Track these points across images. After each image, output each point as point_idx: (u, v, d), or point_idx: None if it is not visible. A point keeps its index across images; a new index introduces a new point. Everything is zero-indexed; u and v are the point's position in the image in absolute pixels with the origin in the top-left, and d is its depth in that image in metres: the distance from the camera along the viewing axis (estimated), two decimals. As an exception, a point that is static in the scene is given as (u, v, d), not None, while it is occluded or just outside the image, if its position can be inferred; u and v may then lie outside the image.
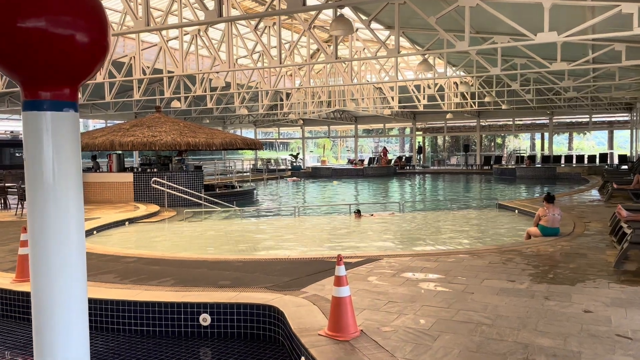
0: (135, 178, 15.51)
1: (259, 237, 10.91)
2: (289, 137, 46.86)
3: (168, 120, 17.13)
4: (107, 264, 6.96)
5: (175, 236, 11.10)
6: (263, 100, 24.26)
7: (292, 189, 24.38)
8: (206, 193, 16.12)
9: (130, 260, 7.16)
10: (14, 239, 8.76)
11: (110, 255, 7.50)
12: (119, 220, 11.73)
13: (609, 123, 33.81)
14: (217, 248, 9.44)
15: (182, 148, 15.70)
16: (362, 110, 28.38)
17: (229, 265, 6.77)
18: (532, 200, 14.68)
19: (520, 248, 7.83)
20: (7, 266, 6.91)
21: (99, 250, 7.82)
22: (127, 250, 7.82)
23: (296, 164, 34.98)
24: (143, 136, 15.29)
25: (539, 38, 9.69)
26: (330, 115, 34.74)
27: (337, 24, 7.96)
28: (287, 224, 12.60)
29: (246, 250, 9.10)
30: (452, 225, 12.11)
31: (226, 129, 38.67)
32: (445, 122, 34.91)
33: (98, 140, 15.22)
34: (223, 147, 16.46)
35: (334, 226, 12.11)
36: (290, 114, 29.21)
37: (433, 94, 23.15)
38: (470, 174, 31.39)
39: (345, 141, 50.59)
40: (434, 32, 13.50)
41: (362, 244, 9.76)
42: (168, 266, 6.81)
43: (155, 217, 13.04)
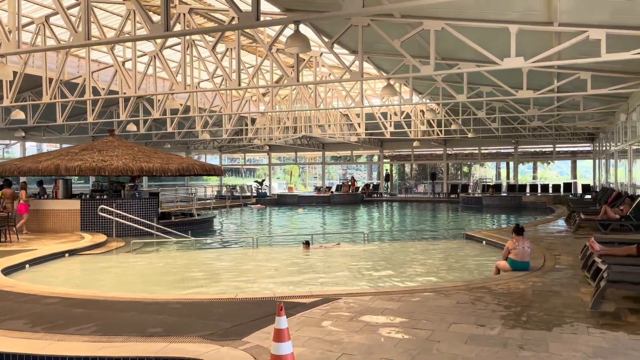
0: (83, 205, 14.44)
1: (209, 271, 10.03)
2: (255, 164, 46.05)
3: (122, 144, 16.19)
4: (24, 305, 6.02)
5: (118, 270, 10.13)
6: (227, 125, 23.50)
7: (255, 217, 23.52)
8: (162, 222, 15.16)
9: (53, 301, 6.24)
10: None
11: (31, 294, 6.55)
12: (57, 252, 10.68)
13: (572, 153, 34.34)
14: (160, 284, 8.55)
15: (134, 174, 14.76)
16: (328, 136, 27.95)
17: (165, 307, 5.93)
18: (499, 231, 14.29)
19: (490, 285, 7.25)
20: None
21: (20, 289, 6.86)
22: (53, 289, 6.88)
23: (261, 190, 34.15)
24: (92, 160, 14.29)
25: (505, 63, 9.36)
26: (297, 141, 34.23)
27: (292, 40, 7.42)
28: (242, 256, 11.78)
29: (192, 286, 8.24)
30: (418, 257, 11.51)
31: (190, 154, 37.64)
32: (412, 150, 34.83)
33: (42, 164, 14.15)
34: (180, 173, 15.59)
35: (292, 259, 11.34)
36: (256, 139, 28.51)
37: (400, 122, 22.91)
38: (437, 203, 31.18)
39: (314, 168, 50.13)
40: (399, 58, 13.18)
41: (323, 279, 9.02)
42: (95, 308, 5.93)
43: (101, 248, 12.02)
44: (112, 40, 9.20)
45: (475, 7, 9.39)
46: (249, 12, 6.71)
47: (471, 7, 9.35)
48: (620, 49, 8.60)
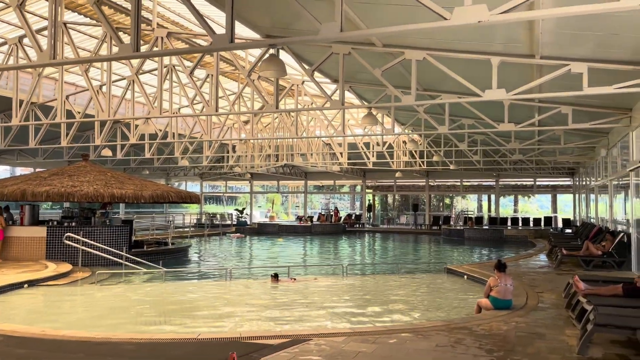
0: (49, 233, 13.78)
1: (175, 305, 9.46)
2: (237, 192, 45.50)
3: (94, 169, 15.65)
4: (-39, 346, 5.45)
5: (78, 303, 9.52)
6: (207, 152, 23.08)
7: (233, 246, 22.91)
8: (134, 251, 14.53)
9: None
10: None
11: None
12: (15, 282, 10.03)
13: (553, 187, 34.55)
14: (121, 319, 7.98)
15: (105, 200, 14.19)
16: (310, 165, 27.69)
17: (117, 348, 5.41)
18: (481, 265, 13.96)
19: (471, 325, 6.86)
20: None
21: (-39, 326, 6.26)
22: (3, 325, 6.28)
23: (242, 219, 33.53)
24: (61, 186, 13.72)
25: (487, 95, 9.19)
26: (279, 170, 33.89)
27: (267, 64, 7.14)
28: (213, 289, 11.22)
29: (154, 322, 7.69)
30: (398, 292, 11.08)
31: (170, 181, 37.02)
32: (395, 180, 34.70)
33: (8, 189, 13.53)
34: (154, 200, 15.06)
35: (264, 293, 10.83)
36: (236, 167, 28.10)
37: (382, 152, 22.77)
38: (419, 234, 30.89)
39: (297, 197, 49.70)
40: (381, 88, 13.02)
41: (296, 316, 8.53)
42: (39, 349, 5.38)
43: (65, 279, 11.37)
44: (77, 60, 8.81)
45: (457, 38, 9.29)
46: (223, 34, 6.41)
47: (453, 38, 9.24)
48: (602, 83, 8.49)
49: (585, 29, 7.65)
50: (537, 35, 7.89)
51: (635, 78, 8.43)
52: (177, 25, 15.05)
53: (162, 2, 14.04)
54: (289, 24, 10.66)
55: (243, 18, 9.89)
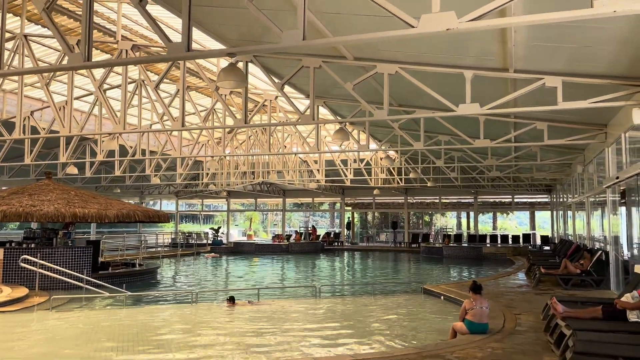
0: (6, 254, 13.03)
1: (131, 334, 8.80)
2: (214, 210, 44.70)
3: (57, 188, 14.96)
4: None
5: (26, 333, 8.81)
6: (180, 170, 22.47)
7: (205, 267, 22.20)
8: (98, 274, 13.83)
9: None
10: None
11: None
12: (-40, 310, 9.31)
13: (530, 204, 34.60)
14: (70, 350, 7.34)
15: (66, 220, 13.51)
16: (287, 183, 27.24)
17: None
18: (458, 285, 13.57)
19: (445, 352, 6.42)
20: None
21: None
22: None
23: (217, 238, 32.78)
24: (19, 205, 13.02)
25: (461, 109, 8.91)
26: (256, 187, 33.36)
27: (226, 73, 6.72)
28: (176, 314, 10.62)
29: (106, 353, 7.09)
30: (372, 315, 10.61)
31: (144, 200, 36.16)
32: (374, 198, 34.42)
33: (-39, 208, 12.79)
34: (119, 220, 14.40)
35: (228, 318, 10.27)
36: (211, 185, 27.50)
37: (360, 169, 22.46)
38: (399, 252, 30.55)
39: (276, 215, 49.04)
40: (356, 103, 12.71)
41: (258, 344, 8.00)
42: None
43: (19, 304, 10.65)
44: (21, 71, 8.28)
45: (430, 51, 9.03)
46: (179, 42, 5.98)
47: (426, 50, 8.98)
48: (577, 98, 8.28)
49: (558, 41, 7.42)
50: (510, 48, 7.64)
51: (609, 92, 8.25)
52: (146, 38, 14.60)
53: (130, 16, 13.59)
54: (259, 36, 10.29)
55: (211, 31, 9.50)
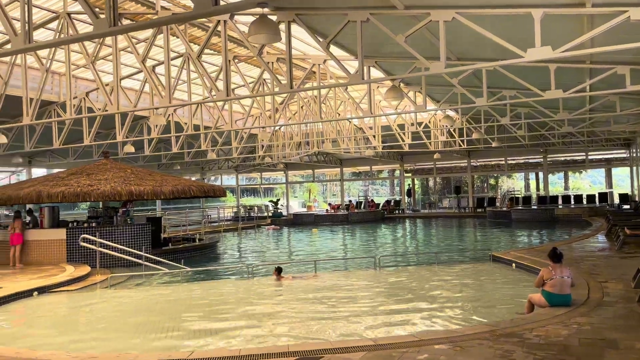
0: (69, 235, 13.29)
1: (184, 310, 8.57)
2: (273, 183, 44.88)
3: (114, 167, 15.08)
4: None
5: (84, 311, 8.82)
6: (234, 143, 22.31)
7: (265, 239, 22.14)
8: (157, 250, 13.90)
9: (-41, 367, 4.92)
10: None
11: (-61, 357, 5.25)
12: (23, 290, 9.45)
13: (607, 161, 32.08)
14: (121, 330, 7.19)
15: (122, 198, 13.58)
16: (343, 151, 26.57)
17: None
18: (530, 251, 12.55)
19: (522, 330, 5.65)
20: None
21: None
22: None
23: (277, 210, 32.81)
24: (77, 186, 13.17)
25: (530, 55, 7.83)
26: (313, 158, 32.94)
27: (257, 26, 6.06)
28: (230, 289, 10.35)
29: (155, 332, 6.85)
30: (435, 287, 9.88)
31: (205, 176, 36.70)
32: (435, 162, 33.14)
33: (24, 191, 13.10)
34: (174, 196, 14.35)
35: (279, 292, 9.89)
36: (267, 157, 27.29)
37: (418, 133, 21.37)
38: (463, 218, 29.35)
39: (335, 185, 48.66)
40: (411, 60, 11.78)
41: (309, 321, 7.52)
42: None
43: (81, 283, 10.77)
44: (52, 42, 7.96)
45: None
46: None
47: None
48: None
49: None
50: (587, -25, 6.50)
51: None
52: (188, 8, 14.16)
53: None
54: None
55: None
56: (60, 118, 12.36)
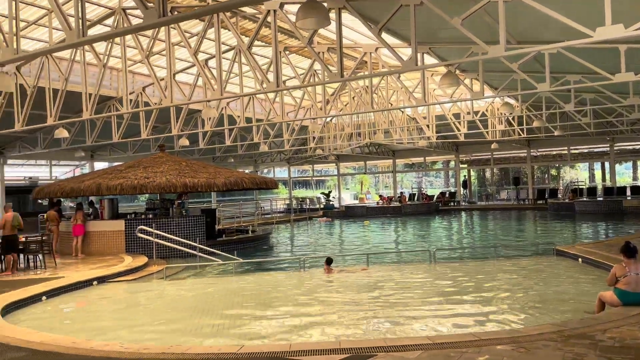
0: (127, 226, 13.68)
1: (235, 302, 8.53)
2: (325, 175, 44.83)
3: (170, 159, 15.40)
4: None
5: (139, 301, 8.97)
6: (285, 136, 22.34)
7: (317, 231, 22.08)
8: (211, 241, 14.10)
9: (18, 355, 5.05)
10: None
11: (1, 344, 5.42)
12: (83, 280, 9.76)
13: (682, 148, 29.90)
14: (174, 322, 7.24)
15: (177, 190, 13.84)
16: (396, 142, 26.05)
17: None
18: (598, 245, 11.77)
19: (593, 331, 5.20)
20: None
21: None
22: (32, 336, 5.71)
23: (329, 202, 32.73)
24: (134, 178, 13.52)
25: (598, 34, 7.21)
26: (365, 150, 32.60)
27: (304, 11, 5.83)
28: (283, 281, 10.28)
29: (206, 325, 6.85)
30: (494, 283, 9.42)
31: (258, 168, 37.12)
32: (492, 152, 31.97)
33: (85, 184, 13.59)
34: (227, 188, 14.50)
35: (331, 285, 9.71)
36: (318, 149, 27.19)
37: (474, 122, 20.58)
38: (523, 210, 28.18)
39: (388, 177, 48.05)
40: (467, 45, 11.26)
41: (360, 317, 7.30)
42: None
43: (138, 273, 11.04)
44: (104, 35, 8.03)
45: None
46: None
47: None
48: None
49: None
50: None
51: None
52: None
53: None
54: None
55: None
56: (118, 112, 12.63)
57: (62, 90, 13.37)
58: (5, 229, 10.69)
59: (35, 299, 8.36)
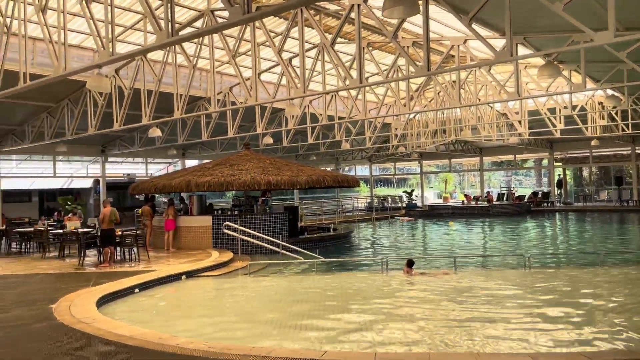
0: (214, 222, 14.08)
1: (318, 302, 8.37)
2: (407, 173, 43.95)
3: (254, 157, 15.68)
4: (71, 353, 5.07)
5: (223, 297, 9.11)
6: (368, 133, 22.04)
7: (399, 231, 21.57)
8: (294, 239, 14.19)
9: (107, 348, 5.22)
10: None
11: (92, 337, 5.64)
12: (173, 274, 10.11)
13: None
14: (253, 321, 7.23)
15: (261, 187, 14.02)
16: (484, 139, 24.85)
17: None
18: None
19: None
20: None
21: (87, 327, 6.01)
22: (122, 329, 5.88)
23: (412, 202, 31.98)
24: (221, 175, 13.88)
25: None
26: (450, 147, 31.50)
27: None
28: (364, 284, 9.99)
29: (286, 327, 6.75)
30: (599, 293, 8.55)
31: (339, 166, 37.11)
32: (591, 150, 29.64)
33: (175, 181, 14.15)
34: (309, 185, 14.50)
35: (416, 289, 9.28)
36: (401, 147, 26.61)
37: (572, 117, 19.09)
38: (626, 212, 25.84)
39: (474, 176, 46.19)
40: (565, 35, 10.38)
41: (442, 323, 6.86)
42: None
43: (223, 269, 11.28)
44: (191, 35, 8.13)
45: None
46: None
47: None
48: None
49: None
50: None
51: None
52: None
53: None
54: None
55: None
56: (206, 112, 13.01)
57: (156, 92, 14.00)
58: (104, 223, 11.35)
59: (128, 291, 8.74)
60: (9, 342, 5.45)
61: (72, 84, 15.11)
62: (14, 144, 18.81)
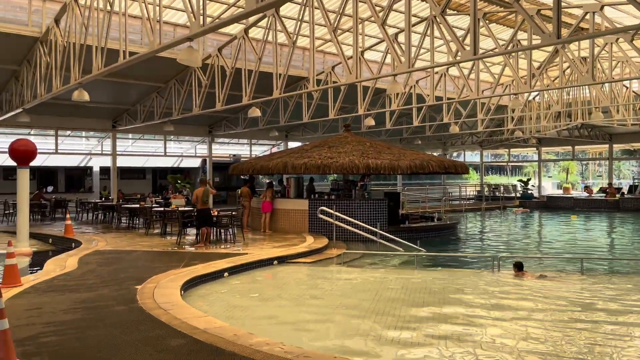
0: (311, 206, 13.59)
1: (415, 303, 7.42)
2: (522, 160, 40.68)
3: (354, 140, 14.93)
4: (139, 347, 4.70)
5: (310, 288, 8.48)
6: (480, 115, 20.26)
7: (513, 224, 19.69)
8: (393, 228, 13.29)
9: (179, 342, 4.79)
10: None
11: (166, 327, 5.27)
12: (264, 259, 9.74)
13: None
14: (335, 321, 6.50)
15: (360, 171, 13.23)
16: (617, 124, 21.88)
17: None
18: None
19: None
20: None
21: (164, 316, 5.66)
22: (199, 321, 5.45)
23: (527, 192, 29.37)
24: (319, 157, 13.32)
25: None
26: (574, 132, 28.35)
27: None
28: (473, 283, 8.80)
29: (376, 331, 5.93)
30: None
31: (446, 151, 35.19)
32: None
33: (273, 162, 13.85)
34: (411, 171, 13.43)
35: (530, 293, 7.96)
36: (517, 131, 24.32)
37: None
38: None
39: (600, 165, 41.58)
40: None
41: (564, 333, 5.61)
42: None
43: (317, 255, 10.75)
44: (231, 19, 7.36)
45: None
46: None
47: None
48: None
49: None
50: None
51: None
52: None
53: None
54: None
55: None
56: (305, 90, 12.44)
57: (256, 71, 13.70)
58: (198, 203, 11.29)
59: (217, 275, 8.48)
60: (81, 326, 5.26)
61: (179, 64, 15.38)
62: (127, 124, 19.81)
